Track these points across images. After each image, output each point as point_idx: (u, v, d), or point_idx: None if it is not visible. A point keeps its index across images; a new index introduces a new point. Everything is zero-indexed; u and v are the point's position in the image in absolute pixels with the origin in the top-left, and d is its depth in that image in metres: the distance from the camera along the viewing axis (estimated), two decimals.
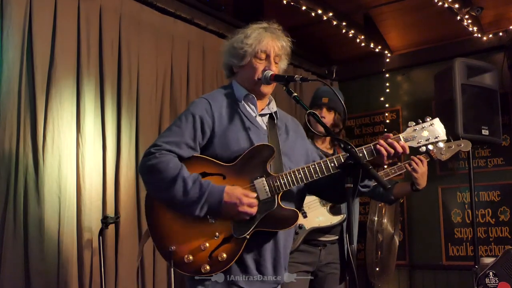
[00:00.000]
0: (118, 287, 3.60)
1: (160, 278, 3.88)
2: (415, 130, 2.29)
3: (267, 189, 2.16)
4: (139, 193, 3.82)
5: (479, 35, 5.22)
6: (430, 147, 2.30)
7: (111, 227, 3.56)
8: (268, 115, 2.36)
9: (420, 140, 2.28)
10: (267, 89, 2.31)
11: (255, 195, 2.13)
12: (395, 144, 2.18)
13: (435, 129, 2.30)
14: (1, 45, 3.20)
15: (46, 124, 3.37)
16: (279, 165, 2.23)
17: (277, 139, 2.30)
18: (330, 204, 3.26)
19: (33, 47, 3.34)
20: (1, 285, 3.03)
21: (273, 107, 2.38)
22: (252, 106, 2.32)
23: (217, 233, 2.12)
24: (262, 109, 2.34)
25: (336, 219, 3.27)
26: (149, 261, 3.83)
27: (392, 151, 2.17)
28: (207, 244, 2.11)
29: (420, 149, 2.29)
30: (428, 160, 3.35)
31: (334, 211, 3.29)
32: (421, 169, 3.25)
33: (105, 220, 3.44)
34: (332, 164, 2.21)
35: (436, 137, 2.29)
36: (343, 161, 2.18)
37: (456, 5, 4.71)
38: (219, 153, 2.19)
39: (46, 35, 3.43)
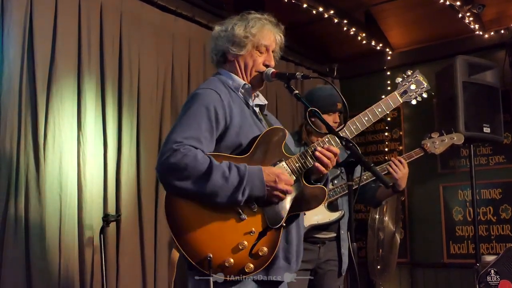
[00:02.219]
0: (119, 285, 3.61)
1: (161, 274, 3.89)
2: (404, 85, 2.44)
3: (290, 172, 2.14)
4: (140, 191, 3.83)
5: (481, 33, 5.21)
6: (419, 99, 2.46)
7: (112, 225, 3.57)
8: (258, 106, 2.34)
9: (411, 94, 2.44)
10: (263, 83, 2.32)
11: (291, 180, 2.09)
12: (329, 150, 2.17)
13: (419, 80, 2.46)
14: (1, 43, 3.21)
15: (47, 122, 3.37)
16: (289, 148, 2.23)
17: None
18: (327, 201, 3.27)
19: (33, 45, 3.34)
20: (2, 283, 3.04)
21: (263, 100, 2.36)
22: (248, 97, 2.29)
23: (253, 229, 2.05)
24: (253, 101, 2.32)
25: (334, 216, 3.29)
26: (150, 259, 3.83)
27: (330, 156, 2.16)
28: (246, 242, 2.03)
29: (411, 102, 2.46)
30: (422, 154, 3.34)
31: (331, 208, 3.30)
32: (402, 171, 3.22)
33: (106, 218, 3.45)
34: (343, 134, 2.21)
35: (422, 87, 2.46)
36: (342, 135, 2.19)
37: (458, 3, 4.71)
38: (238, 142, 2.13)
39: (47, 33, 3.43)
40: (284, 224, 2.11)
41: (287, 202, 2.12)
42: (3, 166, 3.14)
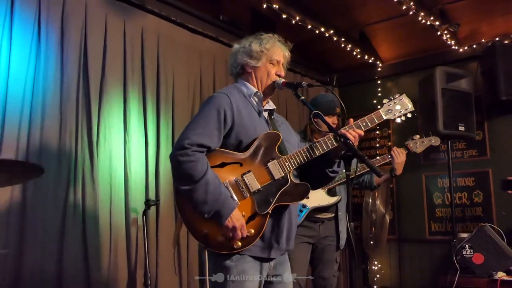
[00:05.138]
0: (158, 258, 3.63)
1: (192, 248, 3.91)
2: (389, 105, 2.36)
3: (280, 169, 2.13)
4: None
5: (457, 47, 5.16)
6: (403, 118, 2.36)
7: (153, 208, 3.59)
8: (268, 111, 2.33)
9: (395, 113, 2.35)
10: (274, 91, 2.31)
11: (246, 233, 2.04)
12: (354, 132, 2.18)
13: (404, 102, 2.38)
14: (62, 61, 3.24)
15: (99, 125, 3.40)
16: (284, 149, 2.21)
17: (278, 129, 2.28)
18: (327, 188, 3.27)
19: (87, 62, 3.37)
20: (64, 255, 3.08)
21: (273, 105, 2.35)
22: (259, 102, 2.28)
23: (243, 213, 2.05)
24: (264, 106, 2.31)
25: (332, 200, 3.30)
26: (183, 237, 3.84)
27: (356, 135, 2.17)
28: None
29: (395, 120, 2.36)
30: (406, 152, 3.40)
31: (330, 193, 3.31)
32: (400, 158, 3.34)
33: (147, 203, 3.48)
34: (330, 141, 2.20)
35: (406, 109, 2.37)
36: (332, 140, 2.19)
37: (437, 23, 4.67)
38: (240, 140, 2.13)
39: (98, 52, 3.46)
40: (270, 212, 2.09)
41: (275, 194, 2.10)
42: (64, 160, 3.18)
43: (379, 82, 5.80)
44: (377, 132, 5.79)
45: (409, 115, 2.39)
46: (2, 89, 2.90)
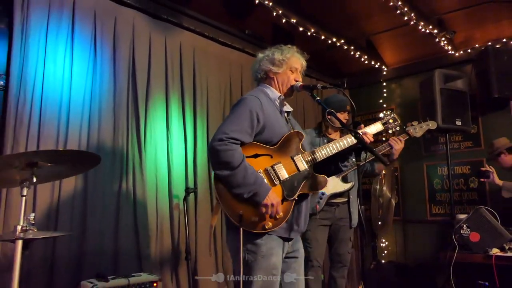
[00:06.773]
0: (197, 237, 3.67)
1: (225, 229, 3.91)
2: (385, 118, 2.49)
3: (304, 162, 2.13)
4: (210, 171, 3.85)
5: (453, 52, 5.03)
6: (394, 130, 2.50)
7: (192, 195, 3.63)
8: (286, 112, 2.32)
9: (389, 125, 2.52)
10: (293, 93, 2.31)
11: (280, 210, 2.03)
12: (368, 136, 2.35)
13: (395, 117, 2.48)
14: (114, 72, 3.30)
15: (146, 125, 3.44)
16: (304, 146, 2.22)
17: (294, 128, 2.28)
18: (342, 175, 3.23)
19: (135, 72, 3.42)
20: (119, 233, 3.15)
21: (290, 108, 2.35)
22: (281, 105, 2.27)
23: None
24: (283, 108, 2.31)
25: (347, 186, 3.26)
26: (218, 219, 3.84)
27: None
28: None
29: (389, 131, 2.55)
30: (407, 138, 3.24)
31: (344, 180, 3.27)
32: (398, 145, 3.13)
33: (187, 190, 3.52)
34: (345, 141, 2.20)
35: (396, 123, 2.51)
36: (346, 142, 2.22)
37: (435, 30, 4.57)
38: (270, 137, 2.13)
39: (144, 64, 3.51)
40: (296, 198, 2.10)
41: (300, 183, 2.10)
42: (117, 155, 3.24)
43: (384, 84, 5.69)
44: None
45: (397, 128, 2.50)
46: (66, 97, 2.98)
